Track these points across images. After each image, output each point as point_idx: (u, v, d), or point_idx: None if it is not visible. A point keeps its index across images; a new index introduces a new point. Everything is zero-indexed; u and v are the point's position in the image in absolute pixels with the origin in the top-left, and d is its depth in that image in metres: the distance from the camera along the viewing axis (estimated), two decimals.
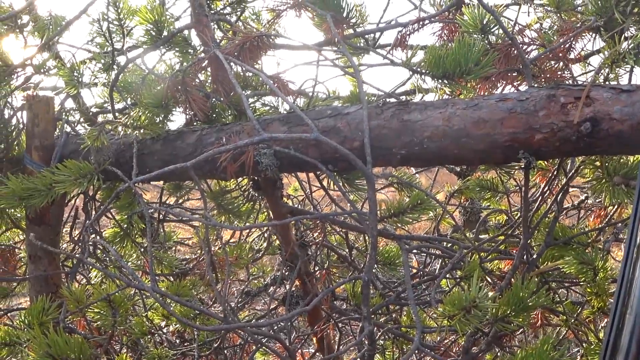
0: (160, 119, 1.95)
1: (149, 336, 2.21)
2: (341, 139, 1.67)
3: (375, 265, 2.36)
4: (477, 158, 1.67)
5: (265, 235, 2.62)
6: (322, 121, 1.72)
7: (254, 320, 2.31)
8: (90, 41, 2.31)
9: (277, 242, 2.63)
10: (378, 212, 1.83)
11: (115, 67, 2.10)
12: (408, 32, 2.07)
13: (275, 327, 2.40)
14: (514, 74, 1.85)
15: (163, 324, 2.24)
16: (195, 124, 2.03)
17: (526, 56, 1.80)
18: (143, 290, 1.75)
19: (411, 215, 1.90)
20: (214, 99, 1.95)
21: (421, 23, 2.07)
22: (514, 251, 2.20)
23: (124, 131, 1.95)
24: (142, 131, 1.91)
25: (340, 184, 1.79)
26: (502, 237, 2.15)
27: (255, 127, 1.56)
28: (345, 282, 1.98)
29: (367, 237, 2.35)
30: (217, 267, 1.82)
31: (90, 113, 2.30)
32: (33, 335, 1.68)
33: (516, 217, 2.25)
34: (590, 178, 1.74)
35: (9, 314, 2.72)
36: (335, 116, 1.73)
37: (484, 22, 1.81)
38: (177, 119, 2.75)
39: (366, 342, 1.75)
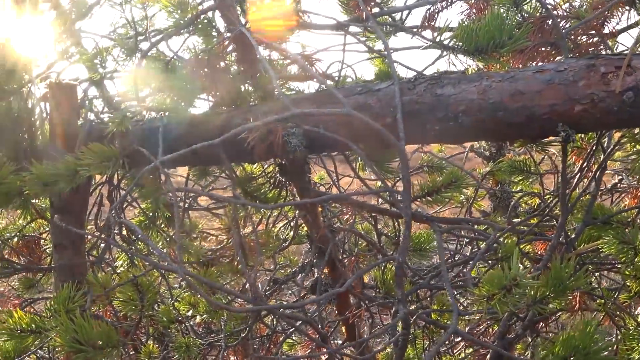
0: (185, 103, 1.92)
1: (176, 324, 2.17)
2: (372, 116, 1.62)
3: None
4: (514, 132, 1.61)
5: (292, 224, 2.58)
6: (352, 98, 1.68)
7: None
8: (112, 32, 2.28)
9: (304, 230, 2.59)
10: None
11: (138, 52, 2.06)
12: (437, 10, 2.01)
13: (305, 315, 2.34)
14: (548, 48, 1.80)
15: (189, 313, 2.21)
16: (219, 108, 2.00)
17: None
18: (171, 271, 1.71)
19: (446, 193, 1.84)
20: (239, 82, 1.91)
21: (450, 0, 2.02)
22: (550, 234, 2.14)
23: (148, 115, 1.91)
24: (167, 115, 1.87)
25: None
26: (537, 219, 2.09)
27: (285, 103, 1.52)
28: (379, 263, 1.93)
29: (396, 223, 2.30)
30: (246, 251, 1.78)
31: (114, 100, 2.27)
32: (60, 321, 1.64)
33: (549, 199, 2.19)
34: (630, 153, 1.68)
35: (35, 307, 2.70)
36: (366, 93, 1.69)
37: None
38: (200, 106, 2.72)
39: (400, 327, 1.70)
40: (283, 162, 2.05)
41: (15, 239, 2.45)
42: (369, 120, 1.52)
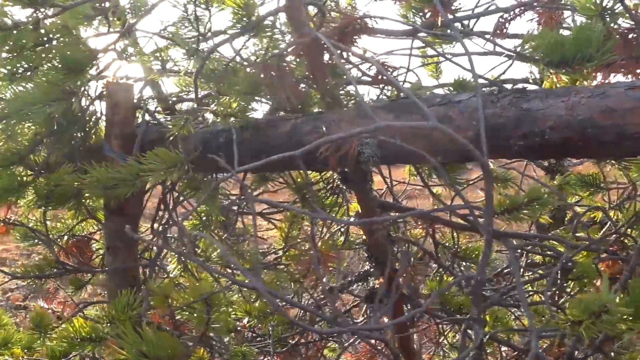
0: (248, 107, 1.87)
1: (233, 333, 2.13)
2: (453, 129, 1.56)
3: (463, 263, 2.26)
4: (603, 151, 1.56)
5: (342, 230, 2.52)
6: (431, 109, 1.61)
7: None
8: (162, 30, 2.22)
9: (353, 236, 2.53)
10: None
11: (199, 52, 2.01)
12: (509, 18, 1.95)
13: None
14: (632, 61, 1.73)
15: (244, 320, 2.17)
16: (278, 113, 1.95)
17: None
18: (251, 288, 1.65)
19: (526, 211, 1.78)
20: (306, 86, 1.86)
21: (523, 8, 1.96)
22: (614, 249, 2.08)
23: (213, 119, 1.86)
24: (232, 119, 1.82)
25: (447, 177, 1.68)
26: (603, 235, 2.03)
27: (368, 113, 1.46)
28: (457, 281, 1.87)
29: (454, 234, 2.24)
30: (321, 265, 1.73)
31: (170, 101, 2.22)
32: (124, 332, 1.60)
33: (614, 215, 2.13)
34: None
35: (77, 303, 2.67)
36: (446, 104, 1.63)
37: (604, 5, 1.68)
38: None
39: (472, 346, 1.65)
40: (345, 170, 2.00)
41: (65, 238, 2.41)
42: (454, 134, 1.45)
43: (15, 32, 1.82)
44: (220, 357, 2.01)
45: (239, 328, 2.13)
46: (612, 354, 2.09)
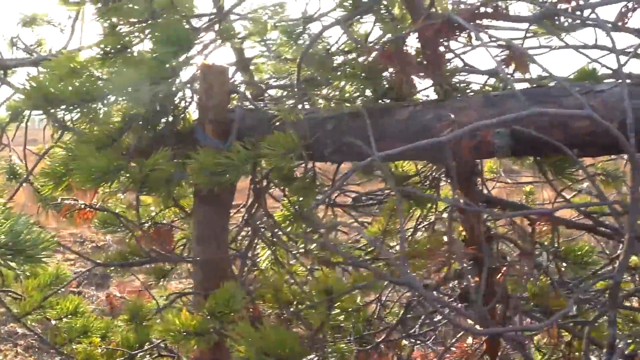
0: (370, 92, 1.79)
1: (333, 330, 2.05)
2: (594, 120, 1.47)
3: (564, 264, 2.16)
4: None
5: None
6: (569, 98, 1.53)
7: None
8: (246, 14, 2.14)
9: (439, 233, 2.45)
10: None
11: (304, 35, 1.93)
12: (632, 7, 1.86)
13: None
14: None
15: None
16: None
17: None
18: (405, 285, 1.56)
19: None
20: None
21: None
22: None
23: (326, 105, 1.79)
24: (345, 105, 1.74)
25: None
26: None
27: (520, 100, 1.38)
28: (595, 282, 1.78)
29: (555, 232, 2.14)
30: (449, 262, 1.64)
31: (263, 87, 2.14)
32: (242, 327, 1.52)
33: None
34: None
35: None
36: (586, 94, 1.54)
37: None
38: None
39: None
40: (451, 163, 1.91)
41: (147, 226, 2.33)
42: (609, 125, 1.37)
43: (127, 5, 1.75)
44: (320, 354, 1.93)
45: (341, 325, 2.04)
46: None
